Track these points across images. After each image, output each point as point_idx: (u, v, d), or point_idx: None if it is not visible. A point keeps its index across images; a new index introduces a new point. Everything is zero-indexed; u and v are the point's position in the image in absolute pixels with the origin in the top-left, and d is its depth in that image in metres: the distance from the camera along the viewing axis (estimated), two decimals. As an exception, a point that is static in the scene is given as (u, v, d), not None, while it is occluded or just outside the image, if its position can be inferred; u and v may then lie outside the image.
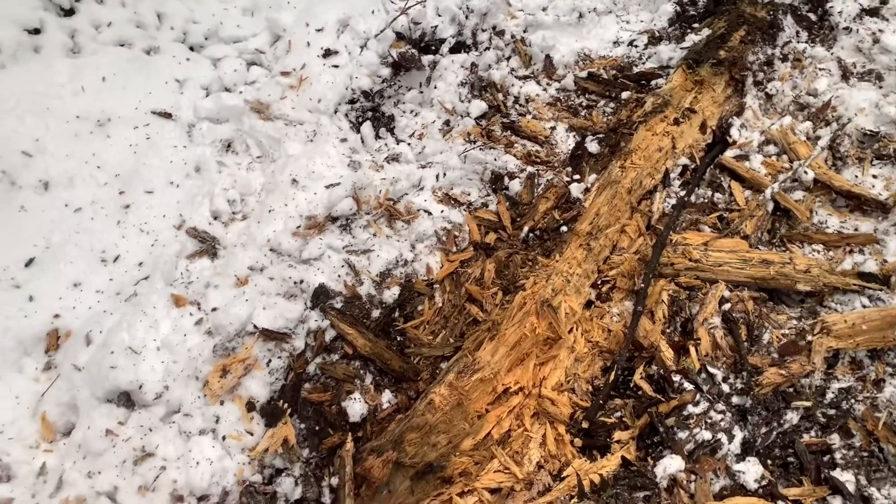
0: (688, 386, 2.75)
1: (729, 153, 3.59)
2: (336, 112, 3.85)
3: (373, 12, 4.14)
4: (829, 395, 2.74)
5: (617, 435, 2.70)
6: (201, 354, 2.82)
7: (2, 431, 2.68)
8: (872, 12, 4.14)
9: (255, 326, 2.89)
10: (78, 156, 3.39)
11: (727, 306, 2.99)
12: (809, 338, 2.86)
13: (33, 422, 2.73)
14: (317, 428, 2.78)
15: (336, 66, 3.91)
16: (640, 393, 2.78)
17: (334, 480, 2.64)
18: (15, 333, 2.87)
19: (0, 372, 2.81)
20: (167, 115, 3.63)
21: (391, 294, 3.13)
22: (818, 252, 3.21)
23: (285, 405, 2.77)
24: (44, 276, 3.05)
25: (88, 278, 3.07)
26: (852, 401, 2.72)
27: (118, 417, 2.67)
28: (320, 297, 3.02)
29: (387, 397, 2.87)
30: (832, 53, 4.03)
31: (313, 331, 2.95)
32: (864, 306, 2.97)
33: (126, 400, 2.71)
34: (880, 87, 3.80)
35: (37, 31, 3.67)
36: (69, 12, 3.85)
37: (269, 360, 2.85)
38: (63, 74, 3.57)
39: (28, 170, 3.27)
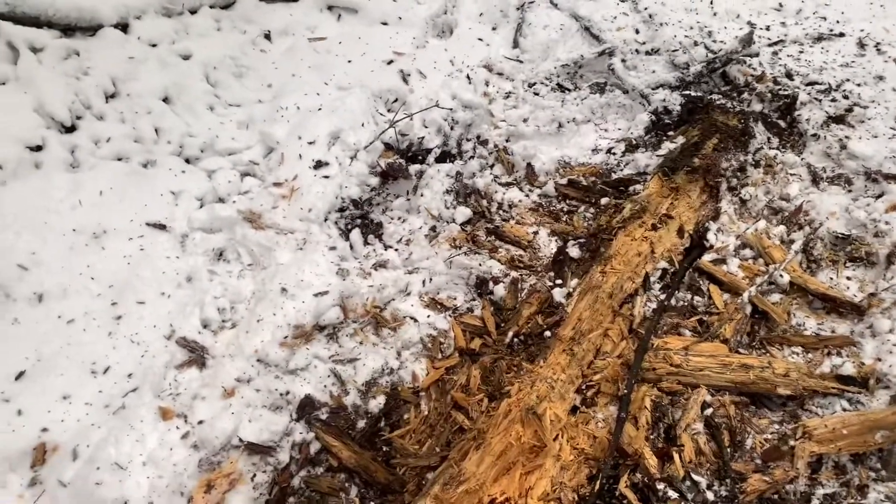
0: (672, 494, 2.75)
1: (706, 257, 3.70)
2: (326, 220, 3.97)
3: (362, 125, 4.35)
4: (815, 502, 2.74)
5: (603, 547, 2.68)
6: (186, 469, 2.82)
7: (-17, 551, 2.65)
8: (839, 119, 4.35)
9: (240, 440, 2.90)
10: (73, 268, 3.47)
11: (709, 411, 3.02)
12: (792, 443, 2.87)
13: (15, 540, 2.71)
14: (301, 543, 2.76)
15: (326, 177, 4.07)
16: (625, 502, 2.78)
17: None
18: (1, 449, 2.87)
19: (-16, 489, 2.81)
20: (161, 227, 3.75)
21: (377, 403, 3.15)
22: (797, 354, 3.27)
23: (269, 521, 2.76)
24: (33, 389, 3.07)
25: (78, 391, 3.10)
26: (837, 508, 2.72)
27: (101, 536, 2.65)
28: (306, 408, 3.05)
29: (372, 510, 2.86)
30: (802, 159, 4.21)
31: (298, 443, 2.95)
32: (844, 409, 3.00)
33: (110, 518, 2.70)
34: (849, 192, 3.96)
35: (38, 148, 3.83)
36: (70, 129, 4.03)
37: (254, 475, 2.85)
38: (62, 189, 3.70)
39: (23, 283, 3.35)
